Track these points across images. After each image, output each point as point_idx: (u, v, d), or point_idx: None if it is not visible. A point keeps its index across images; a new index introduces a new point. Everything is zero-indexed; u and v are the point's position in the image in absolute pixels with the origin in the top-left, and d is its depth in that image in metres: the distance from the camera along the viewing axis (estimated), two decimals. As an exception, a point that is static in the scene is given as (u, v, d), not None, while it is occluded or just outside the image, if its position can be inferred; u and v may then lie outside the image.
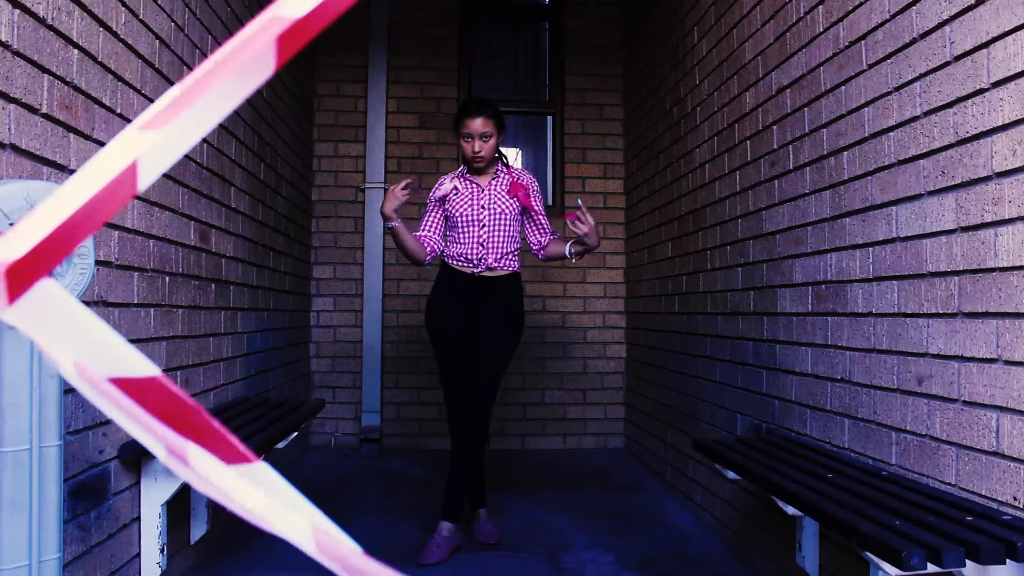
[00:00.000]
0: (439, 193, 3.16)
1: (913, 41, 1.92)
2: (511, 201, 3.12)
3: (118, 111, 2.08)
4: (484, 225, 3.09)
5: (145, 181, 0.42)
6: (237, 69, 0.40)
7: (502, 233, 3.10)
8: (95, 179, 0.40)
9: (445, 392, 3.22)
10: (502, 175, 3.16)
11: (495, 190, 3.12)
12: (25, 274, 0.39)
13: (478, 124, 3.07)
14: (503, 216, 3.10)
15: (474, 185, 3.14)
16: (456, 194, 3.13)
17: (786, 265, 2.67)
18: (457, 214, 3.11)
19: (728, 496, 3.15)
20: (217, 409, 2.91)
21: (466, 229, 3.09)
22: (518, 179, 3.16)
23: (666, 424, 4.13)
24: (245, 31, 0.42)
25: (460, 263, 3.12)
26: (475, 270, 3.10)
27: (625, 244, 5.24)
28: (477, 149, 3.07)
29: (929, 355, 1.86)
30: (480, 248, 3.09)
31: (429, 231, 3.16)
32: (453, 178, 3.18)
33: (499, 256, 3.09)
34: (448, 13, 5.29)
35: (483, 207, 3.10)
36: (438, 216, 3.18)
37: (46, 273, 0.39)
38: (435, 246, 3.15)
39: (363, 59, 5.17)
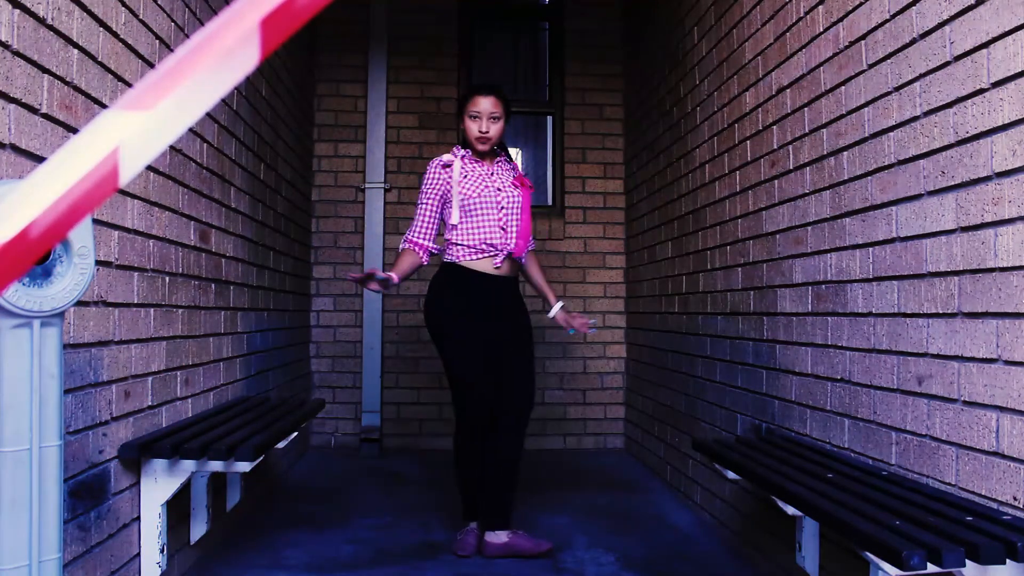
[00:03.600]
0: (442, 183, 2.93)
1: (913, 41, 1.92)
2: (521, 193, 3.00)
3: (118, 111, 2.08)
4: (503, 207, 2.92)
5: (128, 173, 0.39)
6: (221, 53, 0.39)
7: (518, 218, 2.95)
8: (70, 170, 0.37)
9: (463, 399, 2.92)
10: (504, 165, 3.04)
11: (502, 176, 2.99)
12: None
13: (489, 103, 2.92)
14: (517, 203, 2.96)
15: (483, 168, 2.97)
16: (465, 177, 2.93)
17: (786, 265, 2.67)
18: (474, 195, 2.90)
19: (728, 496, 3.15)
20: (217, 409, 2.91)
21: (485, 212, 2.90)
22: (524, 174, 3.08)
23: (666, 424, 4.13)
24: (226, 12, 0.40)
25: (478, 255, 2.90)
26: (497, 260, 2.90)
27: (625, 244, 5.24)
28: (485, 129, 2.90)
29: (929, 355, 1.86)
30: (502, 232, 2.90)
31: (425, 232, 2.94)
32: (460, 159, 2.95)
33: (519, 242, 2.94)
34: (448, 13, 5.29)
35: (499, 188, 2.94)
36: (436, 212, 2.95)
37: (15, 279, 0.37)
38: (430, 246, 2.96)
39: (363, 59, 5.17)
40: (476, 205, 2.90)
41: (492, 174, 2.97)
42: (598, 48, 5.35)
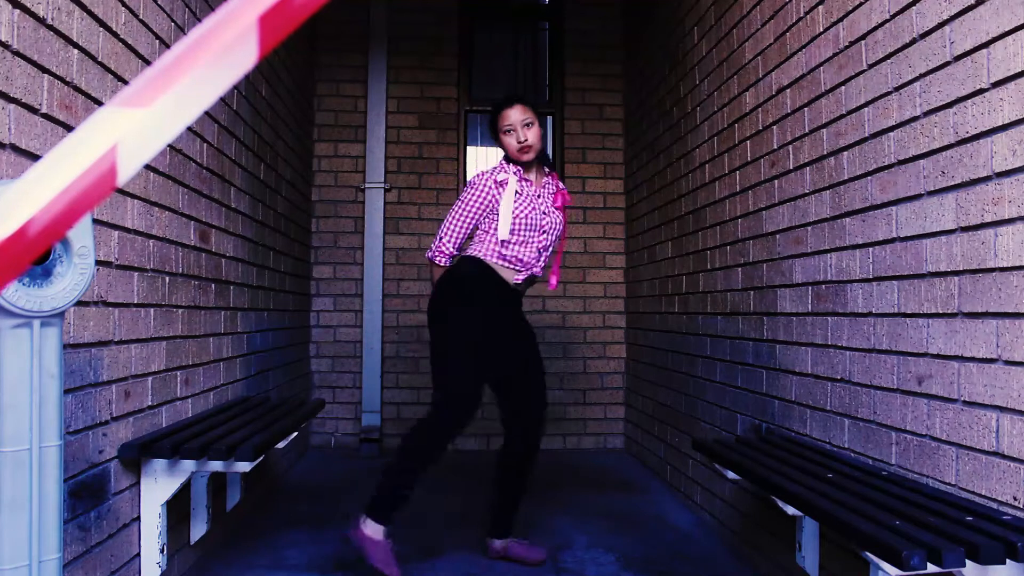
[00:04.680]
0: (491, 199, 2.79)
1: (913, 41, 1.92)
2: (559, 216, 2.91)
3: (118, 111, 2.08)
4: (544, 232, 2.83)
5: (126, 171, 0.39)
6: (219, 50, 0.38)
7: (552, 243, 2.89)
8: (68, 168, 0.37)
9: (464, 402, 2.71)
10: (550, 185, 2.92)
11: (547, 198, 2.88)
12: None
13: (517, 112, 2.81)
14: (558, 226, 2.89)
15: (531, 189, 2.85)
16: (519, 195, 2.81)
17: (786, 265, 2.67)
18: (522, 215, 2.79)
19: (728, 496, 3.15)
20: (217, 409, 2.91)
21: (528, 234, 2.80)
22: (563, 188, 2.95)
23: (666, 424, 4.13)
24: (224, 8, 0.40)
25: (508, 264, 2.79)
26: (519, 276, 2.81)
27: (625, 244, 5.24)
28: (523, 138, 2.79)
29: (929, 355, 1.86)
30: (537, 255, 2.83)
31: (458, 243, 2.81)
32: (518, 180, 2.83)
33: (541, 266, 2.88)
34: (448, 13, 5.29)
35: (545, 212, 2.84)
36: (473, 225, 2.82)
37: (12, 278, 0.37)
38: (456, 255, 2.84)
39: (363, 59, 5.17)
40: (522, 226, 2.80)
41: (539, 196, 2.86)
42: (598, 48, 5.35)
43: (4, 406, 1.26)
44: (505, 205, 2.78)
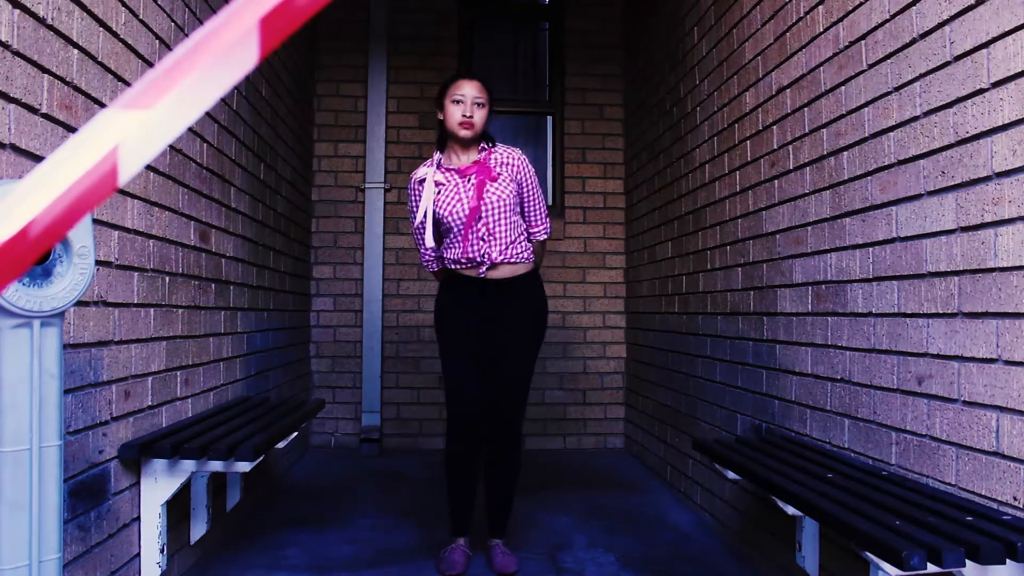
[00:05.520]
0: (423, 199, 2.75)
1: (913, 41, 1.92)
2: (503, 183, 2.72)
3: (118, 111, 2.08)
4: (481, 217, 2.69)
5: (127, 172, 0.39)
6: (220, 52, 0.39)
7: (504, 221, 2.71)
8: (69, 169, 0.37)
9: (449, 399, 2.81)
10: (482, 157, 2.74)
11: (474, 184, 2.72)
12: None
13: (473, 88, 2.70)
14: (501, 203, 2.70)
15: (456, 175, 2.72)
16: (440, 191, 2.72)
17: (786, 265, 2.67)
18: (446, 213, 2.70)
19: (728, 496, 3.15)
20: (217, 409, 2.91)
21: (461, 228, 2.70)
22: (496, 158, 2.73)
23: (666, 424, 4.13)
24: (225, 10, 0.40)
25: (462, 266, 2.75)
26: (480, 271, 2.72)
27: (625, 244, 5.24)
28: (469, 113, 2.67)
29: (929, 355, 1.86)
30: (481, 243, 2.70)
31: (425, 244, 2.77)
32: (434, 170, 2.75)
33: (504, 247, 2.71)
34: (448, 13, 5.29)
35: (462, 203, 2.70)
36: (421, 225, 2.77)
37: (13, 279, 0.37)
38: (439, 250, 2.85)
39: (363, 59, 5.17)
40: (452, 223, 2.71)
41: (467, 180, 2.72)
42: (598, 48, 5.35)
43: (4, 406, 1.26)
44: (423, 207, 2.73)
